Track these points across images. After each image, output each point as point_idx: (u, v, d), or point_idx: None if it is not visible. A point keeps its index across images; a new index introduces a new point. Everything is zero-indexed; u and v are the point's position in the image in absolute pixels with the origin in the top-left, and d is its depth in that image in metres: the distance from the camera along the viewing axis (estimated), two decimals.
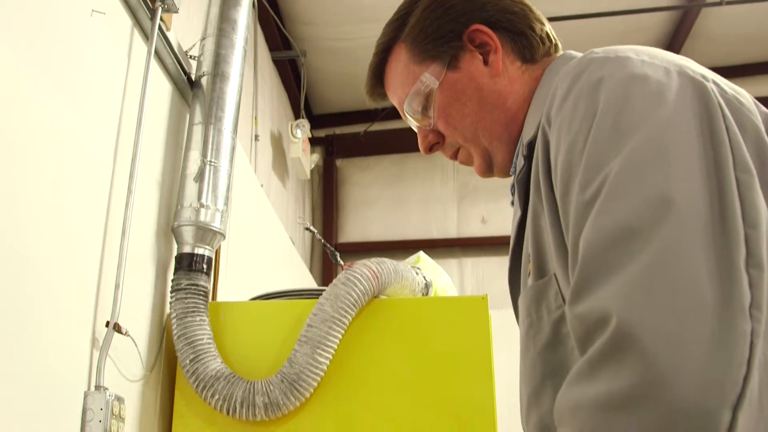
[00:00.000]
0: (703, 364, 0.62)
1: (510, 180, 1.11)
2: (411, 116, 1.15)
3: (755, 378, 0.63)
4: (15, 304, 1.34)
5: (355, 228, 5.73)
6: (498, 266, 5.49)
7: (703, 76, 0.83)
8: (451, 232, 5.69)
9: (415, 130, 1.19)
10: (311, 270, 4.74)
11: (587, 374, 0.68)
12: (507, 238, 1.06)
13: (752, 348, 0.63)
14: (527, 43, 1.11)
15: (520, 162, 1.02)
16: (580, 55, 0.97)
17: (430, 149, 1.17)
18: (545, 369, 0.88)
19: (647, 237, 0.69)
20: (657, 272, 0.67)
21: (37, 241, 1.42)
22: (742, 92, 0.84)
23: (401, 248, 4.96)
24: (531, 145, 0.98)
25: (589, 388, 0.67)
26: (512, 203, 1.09)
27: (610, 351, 0.66)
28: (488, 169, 1.14)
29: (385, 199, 5.78)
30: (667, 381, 0.62)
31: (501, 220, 5.57)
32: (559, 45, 1.14)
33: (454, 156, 1.17)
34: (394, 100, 1.20)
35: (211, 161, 2.05)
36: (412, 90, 1.13)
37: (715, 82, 0.83)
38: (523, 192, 1.00)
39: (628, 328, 0.65)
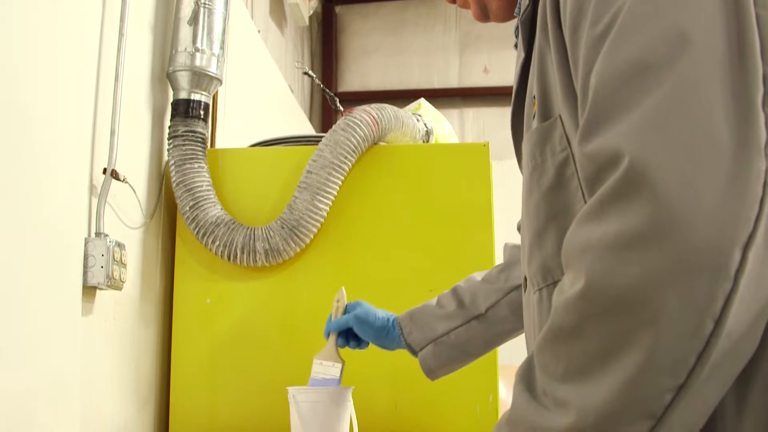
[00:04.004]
0: (716, 203, 0.61)
1: (515, 24, 1.06)
2: None
3: (766, 218, 0.61)
4: (11, 152, 1.32)
5: (355, 77, 5.64)
6: (499, 117, 5.44)
7: None
8: (453, 81, 5.61)
9: None
10: (310, 119, 4.69)
11: (597, 214, 0.67)
12: (509, 88, 1.03)
13: (765, 188, 0.62)
14: None
15: (524, 1, 0.97)
16: None
17: None
18: (549, 212, 0.87)
19: (662, 73, 0.66)
20: (671, 110, 0.65)
21: (29, 88, 1.38)
22: None
23: (402, 98, 4.86)
24: None
25: (598, 228, 0.66)
26: (515, 46, 1.05)
27: (621, 190, 0.64)
28: (484, 16, 1.10)
29: (385, 48, 5.66)
30: (679, 220, 0.61)
31: (503, 70, 5.47)
32: None
33: (453, 0, 1.12)
34: None
35: (205, 3, 1.98)
36: None
37: None
38: (527, 33, 0.96)
39: (640, 166, 0.63)
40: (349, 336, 1.53)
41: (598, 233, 0.66)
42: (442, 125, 2.37)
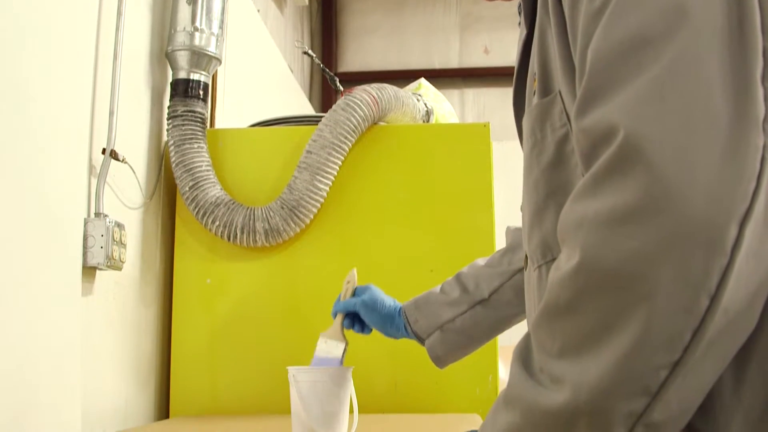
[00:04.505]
0: (712, 178, 0.60)
1: (516, 4, 1.05)
2: None
3: (764, 194, 0.61)
4: (9, 133, 1.32)
5: (355, 57, 5.62)
6: (499, 98, 5.42)
7: None
8: (453, 62, 5.59)
9: None
10: (310, 99, 4.68)
11: (591, 189, 0.66)
12: (510, 69, 1.02)
13: (763, 163, 0.61)
14: None
15: None
16: None
17: None
18: (548, 188, 0.86)
19: (659, 47, 0.65)
20: (668, 84, 0.64)
21: (26, 68, 1.37)
22: None
23: (402, 78, 4.85)
24: None
25: (593, 203, 0.65)
26: (519, 24, 1.04)
27: (616, 165, 0.63)
28: None
29: (385, 28, 5.64)
30: (675, 194, 0.60)
31: (504, 50, 5.44)
32: None
33: None
34: None
35: None
36: None
37: None
38: (529, 9, 0.95)
39: (636, 140, 0.62)
40: (355, 319, 1.51)
41: (593, 209, 0.65)
42: (443, 105, 2.36)
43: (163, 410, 1.97)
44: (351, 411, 1.35)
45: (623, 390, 0.63)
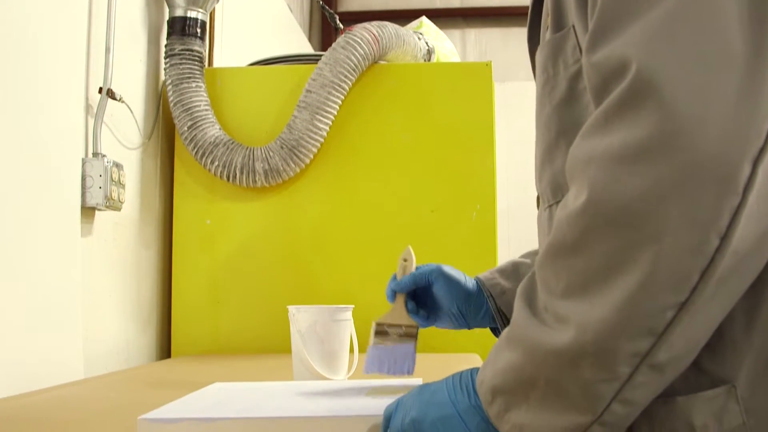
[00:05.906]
0: (726, 115, 0.58)
1: None
2: None
3: None
4: (3, 71, 1.29)
5: None
6: (502, 38, 5.35)
7: None
8: (455, 1, 5.51)
9: None
10: (310, 39, 4.62)
11: (602, 125, 0.64)
12: (512, 8, 0.99)
13: None
14: None
15: None
16: None
17: None
18: (560, 126, 0.84)
19: None
20: (682, 17, 0.61)
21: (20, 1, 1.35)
22: None
23: (403, 17, 4.79)
24: None
25: (603, 140, 0.63)
26: None
27: (628, 100, 0.61)
28: None
29: None
30: (687, 131, 0.58)
31: None
32: None
33: None
34: None
35: None
36: None
37: None
38: None
39: (648, 75, 0.60)
40: (418, 302, 1.21)
41: (603, 145, 0.63)
42: (444, 44, 2.33)
43: (164, 350, 1.98)
44: (351, 350, 1.36)
45: (628, 330, 0.62)
